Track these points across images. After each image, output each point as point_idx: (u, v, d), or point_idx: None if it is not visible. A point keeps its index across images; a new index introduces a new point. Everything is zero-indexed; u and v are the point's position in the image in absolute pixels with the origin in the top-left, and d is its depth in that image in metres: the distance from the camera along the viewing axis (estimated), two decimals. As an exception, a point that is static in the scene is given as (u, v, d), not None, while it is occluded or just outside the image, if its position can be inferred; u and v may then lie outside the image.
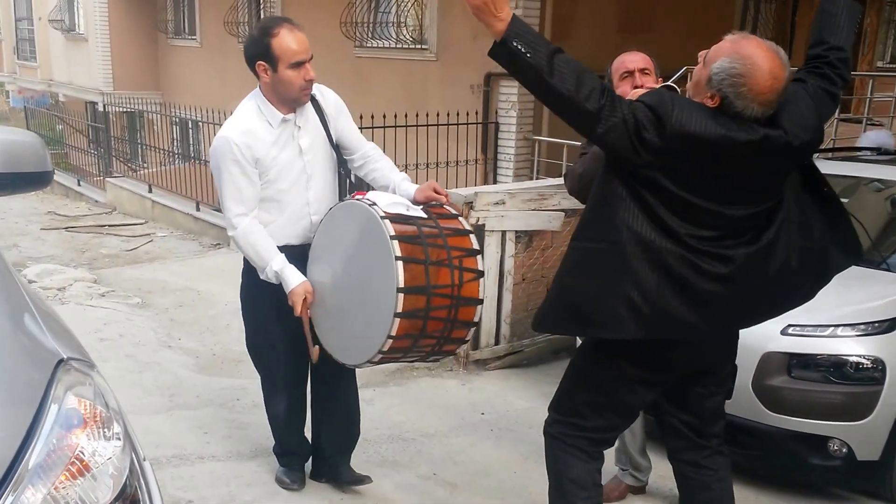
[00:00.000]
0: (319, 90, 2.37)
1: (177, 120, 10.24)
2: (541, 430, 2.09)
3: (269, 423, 2.63)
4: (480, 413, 3.44)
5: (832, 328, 2.82)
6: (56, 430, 1.06)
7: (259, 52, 2.21)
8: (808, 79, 1.89)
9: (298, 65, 2.19)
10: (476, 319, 2.16)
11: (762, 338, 2.77)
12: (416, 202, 2.23)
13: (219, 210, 7.93)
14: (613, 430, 2.07)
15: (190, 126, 10.80)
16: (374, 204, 2.11)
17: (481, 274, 2.14)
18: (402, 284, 1.97)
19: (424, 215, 2.15)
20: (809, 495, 2.90)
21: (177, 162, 9.47)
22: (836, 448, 2.73)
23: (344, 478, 2.61)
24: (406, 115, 6.12)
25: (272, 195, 2.31)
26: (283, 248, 2.34)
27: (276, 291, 2.31)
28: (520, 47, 1.66)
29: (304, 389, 2.60)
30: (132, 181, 9.77)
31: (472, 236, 2.19)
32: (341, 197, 2.41)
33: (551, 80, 1.66)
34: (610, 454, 2.38)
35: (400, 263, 1.98)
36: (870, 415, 2.70)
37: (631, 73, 2.38)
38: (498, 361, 4.00)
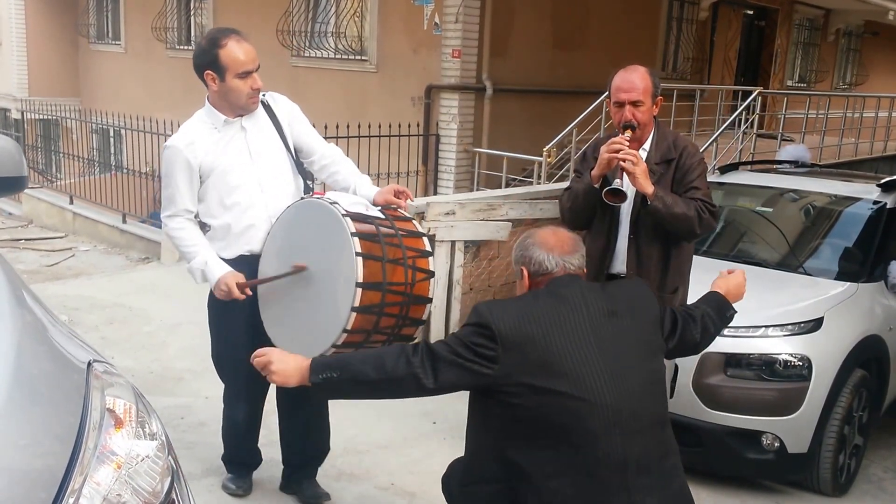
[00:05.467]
0: (272, 97, 2.42)
1: (97, 128, 9.77)
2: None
3: (222, 431, 2.64)
4: (432, 422, 3.45)
5: (763, 329, 3.02)
6: (97, 431, 1.06)
7: (207, 62, 2.27)
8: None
9: (246, 74, 2.26)
10: (424, 318, 2.24)
11: (701, 340, 2.94)
12: (375, 204, 2.30)
13: (145, 222, 7.75)
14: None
15: (111, 134, 10.33)
16: (336, 202, 2.17)
17: (432, 274, 2.23)
18: (360, 279, 2.03)
19: (382, 216, 2.23)
20: (745, 489, 3.08)
21: (97, 172, 9.03)
22: (769, 442, 2.91)
23: (305, 492, 2.63)
24: (348, 126, 6.10)
25: (223, 197, 2.33)
26: (243, 258, 2.36)
27: (244, 302, 2.32)
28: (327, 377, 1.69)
29: (263, 403, 2.61)
30: (51, 192, 9.24)
31: (425, 238, 2.28)
32: None
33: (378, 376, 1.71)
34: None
35: (360, 259, 2.04)
36: (799, 409, 2.90)
37: (622, 105, 2.35)
38: (447, 370, 4.03)
